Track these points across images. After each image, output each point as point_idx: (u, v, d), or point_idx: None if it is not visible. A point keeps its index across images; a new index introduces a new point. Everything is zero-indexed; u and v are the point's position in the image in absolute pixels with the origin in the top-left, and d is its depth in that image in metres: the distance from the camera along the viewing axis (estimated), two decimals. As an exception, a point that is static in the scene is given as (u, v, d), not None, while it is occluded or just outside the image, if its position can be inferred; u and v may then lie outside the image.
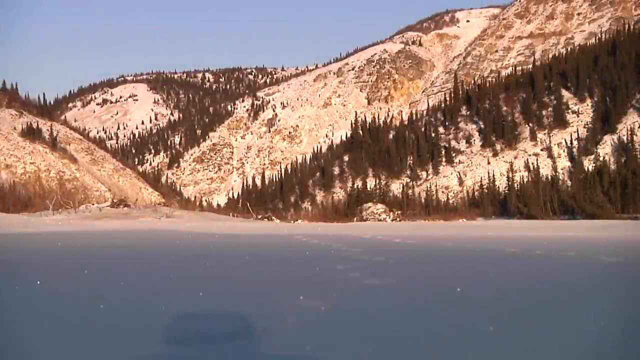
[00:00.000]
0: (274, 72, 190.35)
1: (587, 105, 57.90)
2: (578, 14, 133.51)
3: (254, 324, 0.98)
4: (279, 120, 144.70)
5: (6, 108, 75.66)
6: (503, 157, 56.88)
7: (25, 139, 68.46)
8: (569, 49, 76.50)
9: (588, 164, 45.34)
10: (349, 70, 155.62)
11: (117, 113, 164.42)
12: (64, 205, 32.08)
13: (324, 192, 60.59)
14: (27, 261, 2.04)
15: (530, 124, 58.35)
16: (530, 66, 71.49)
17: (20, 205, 33.64)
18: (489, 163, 56.02)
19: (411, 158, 60.25)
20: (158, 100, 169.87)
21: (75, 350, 0.74)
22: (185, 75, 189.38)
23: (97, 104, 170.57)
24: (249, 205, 43.33)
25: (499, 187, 45.41)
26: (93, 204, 35.88)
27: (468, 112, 63.69)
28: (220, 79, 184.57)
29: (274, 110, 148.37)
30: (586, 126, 55.59)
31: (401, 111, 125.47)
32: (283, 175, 68.43)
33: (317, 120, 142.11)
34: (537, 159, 52.58)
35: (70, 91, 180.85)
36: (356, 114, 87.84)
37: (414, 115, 71.73)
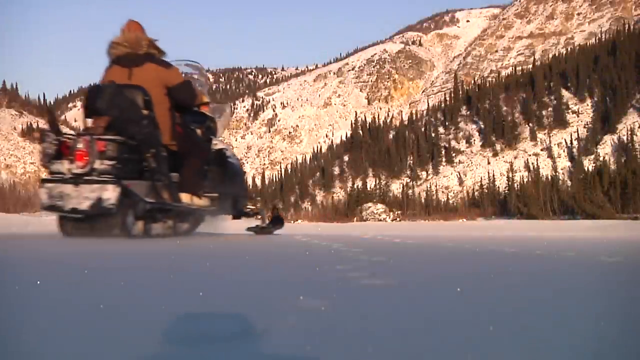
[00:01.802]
0: (274, 72, 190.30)
1: (587, 105, 57.89)
2: (578, 14, 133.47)
3: (254, 324, 0.97)
4: (279, 120, 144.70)
5: (6, 108, 75.64)
6: (503, 157, 56.88)
7: (25, 139, 68.43)
8: (569, 49, 76.47)
9: (588, 164, 45.34)
10: (349, 70, 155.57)
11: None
12: (64, 205, 32.03)
13: (324, 192, 60.59)
14: (27, 261, 2.05)
15: (530, 124, 58.35)
16: (530, 66, 71.43)
17: (20, 205, 33.65)
18: (489, 163, 56.02)
19: (411, 158, 60.23)
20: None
21: (75, 351, 0.74)
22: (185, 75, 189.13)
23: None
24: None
25: (499, 187, 45.41)
26: (93, 204, 35.82)
27: (468, 112, 63.69)
28: (220, 79, 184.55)
29: (274, 110, 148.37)
30: (586, 126, 55.59)
31: (401, 111, 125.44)
32: (283, 175, 68.42)
33: (317, 120, 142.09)
34: (537, 159, 52.59)
35: (70, 91, 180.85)
36: (356, 114, 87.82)
37: (414, 115, 71.70)
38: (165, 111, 4.02)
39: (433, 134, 62.08)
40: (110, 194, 3.54)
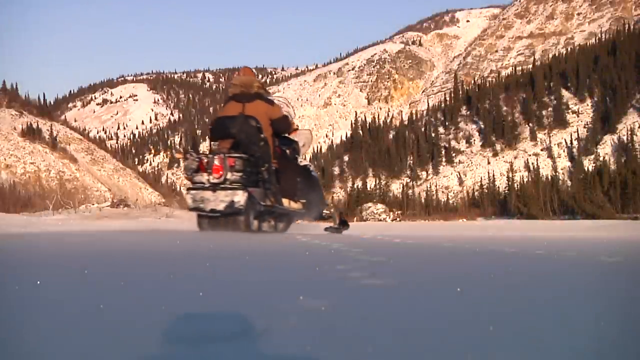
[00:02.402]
0: (274, 72, 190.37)
1: (587, 105, 57.88)
2: (578, 14, 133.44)
3: (254, 324, 0.97)
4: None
5: (6, 108, 75.59)
6: (503, 157, 56.88)
7: (25, 139, 68.44)
8: (569, 49, 76.42)
9: (588, 164, 45.32)
10: (349, 70, 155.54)
11: (117, 113, 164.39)
12: (64, 205, 32.04)
13: (324, 192, 60.55)
14: (27, 261, 2.04)
15: (530, 124, 58.34)
16: (530, 66, 71.39)
17: (20, 205, 33.60)
18: (489, 163, 56.02)
19: (411, 158, 60.22)
20: (158, 100, 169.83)
21: (75, 351, 0.74)
22: (185, 75, 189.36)
23: (97, 104, 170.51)
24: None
25: (499, 187, 45.36)
26: (93, 204, 35.84)
27: (468, 112, 63.66)
28: (220, 79, 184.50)
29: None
30: (586, 126, 55.59)
31: (401, 111, 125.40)
32: (283, 175, 68.36)
33: (317, 120, 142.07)
34: (537, 159, 52.57)
35: (70, 91, 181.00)
36: (356, 114, 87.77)
37: (414, 115, 71.68)
38: (269, 137, 5.10)
39: (433, 134, 62.06)
40: (240, 197, 4.59)
